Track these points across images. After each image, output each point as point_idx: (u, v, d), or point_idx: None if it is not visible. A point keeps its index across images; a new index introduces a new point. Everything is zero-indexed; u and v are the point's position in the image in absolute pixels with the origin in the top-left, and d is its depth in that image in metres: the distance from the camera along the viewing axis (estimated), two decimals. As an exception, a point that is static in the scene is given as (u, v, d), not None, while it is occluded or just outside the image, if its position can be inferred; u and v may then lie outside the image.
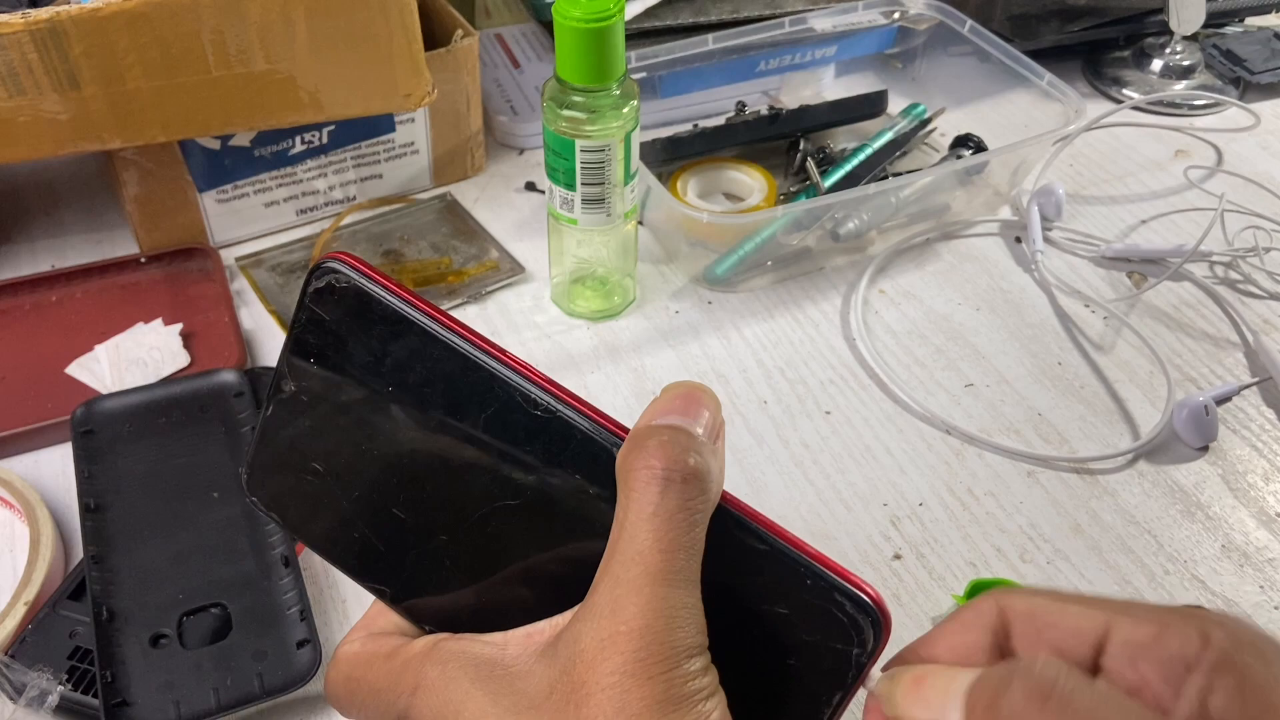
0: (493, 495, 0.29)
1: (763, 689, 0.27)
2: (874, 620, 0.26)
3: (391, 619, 0.31)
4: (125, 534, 0.48)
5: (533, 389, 0.28)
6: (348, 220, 0.71)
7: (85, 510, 0.48)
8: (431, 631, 0.30)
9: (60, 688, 0.42)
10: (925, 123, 0.76)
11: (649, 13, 0.77)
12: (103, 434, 0.52)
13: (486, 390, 0.28)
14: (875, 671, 0.27)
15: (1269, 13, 0.91)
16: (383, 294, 0.29)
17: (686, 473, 0.26)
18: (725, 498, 0.27)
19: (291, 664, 0.44)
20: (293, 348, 0.30)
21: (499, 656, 0.27)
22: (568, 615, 0.27)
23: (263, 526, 0.48)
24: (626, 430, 0.28)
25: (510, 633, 0.28)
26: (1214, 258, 0.68)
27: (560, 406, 0.28)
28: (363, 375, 0.30)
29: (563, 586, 0.28)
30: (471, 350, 0.29)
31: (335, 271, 0.29)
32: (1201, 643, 0.24)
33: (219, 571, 0.47)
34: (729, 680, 0.26)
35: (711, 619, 0.26)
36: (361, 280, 0.29)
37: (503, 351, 0.29)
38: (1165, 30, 0.84)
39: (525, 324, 0.64)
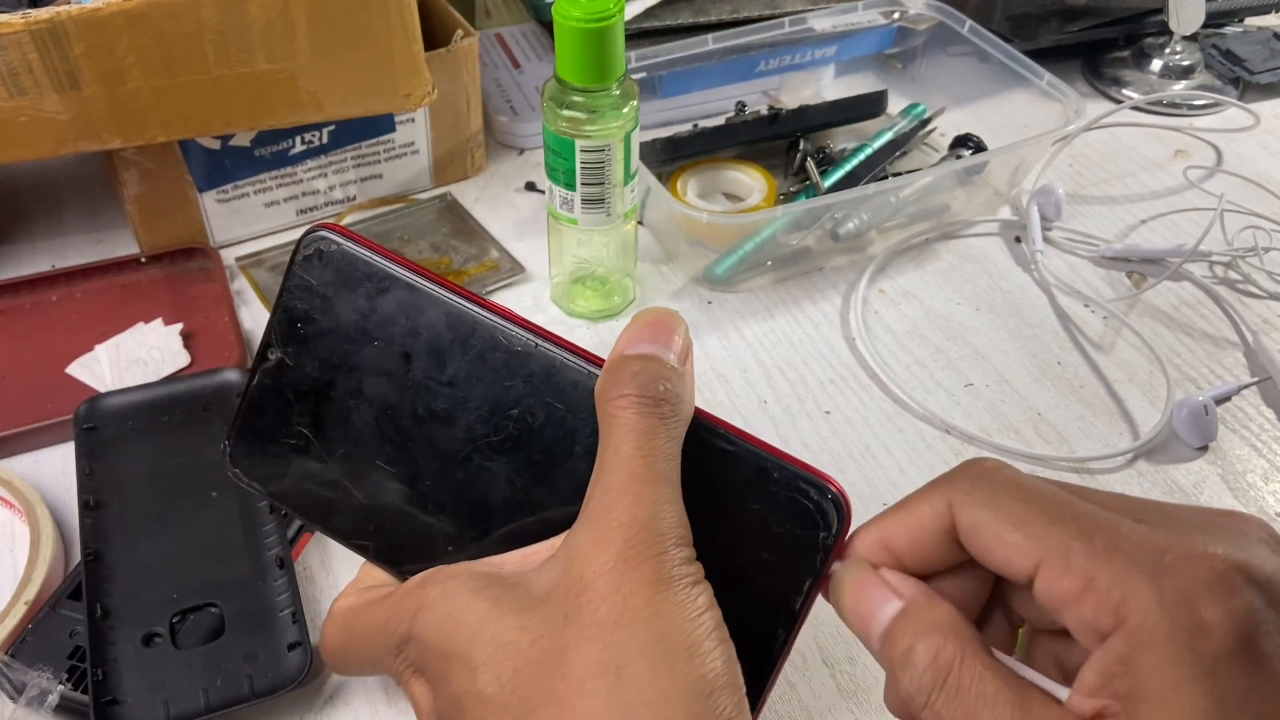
0: (476, 434, 0.31)
1: (741, 586, 0.29)
2: (835, 502, 0.28)
3: (381, 575, 0.33)
4: (124, 532, 0.48)
5: (514, 328, 0.31)
6: (348, 220, 0.71)
7: (85, 507, 0.48)
8: None
9: (60, 687, 0.42)
10: (925, 123, 0.76)
11: (649, 13, 0.77)
12: (105, 431, 0.52)
13: (470, 333, 0.31)
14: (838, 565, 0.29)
15: (1269, 13, 0.91)
16: (369, 254, 0.31)
17: (658, 397, 0.28)
18: (694, 410, 0.30)
19: (282, 666, 0.43)
20: (281, 315, 0.32)
21: (497, 572, 0.29)
22: (561, 537, 0.29)
23: (259, 527, 0.48)
24: (602, 360, 0.30)
25: (506, 554, 0.30)
26: (1213, 258, 0.68)
27: (541, 341, 0.30)
28: (349, 332, 0.32)
29: (548, 519, 0.30)
30: (454, 298, 0.31)
31: (323, 238, 0.32)
32: (1114, 620, 0.23)
33: (214, 571, 0.46)
34: (710, 580, 0.28)
35: (691, 523, 0.28)
36: (348, 244, 0.32)
37: (484, 299, 0.31)
38: (1165, 30, 0.84)
39: (525, 324, 0.64)
